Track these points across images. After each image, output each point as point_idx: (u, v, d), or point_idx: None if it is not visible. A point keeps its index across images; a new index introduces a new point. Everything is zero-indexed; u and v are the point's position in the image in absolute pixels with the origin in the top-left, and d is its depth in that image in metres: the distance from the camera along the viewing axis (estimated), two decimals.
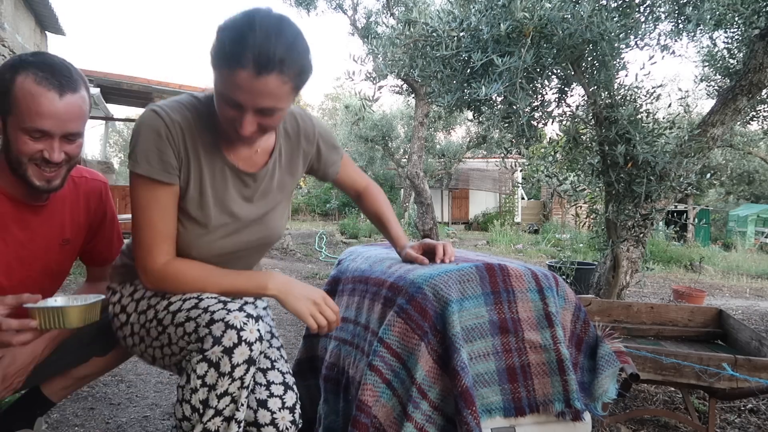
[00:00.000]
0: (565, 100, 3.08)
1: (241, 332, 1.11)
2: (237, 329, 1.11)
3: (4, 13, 5.69)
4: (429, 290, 1.25)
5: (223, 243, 1.31)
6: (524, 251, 10.61)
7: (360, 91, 8.61)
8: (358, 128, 13.02)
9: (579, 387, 1.34)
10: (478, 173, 17.88)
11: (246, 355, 1.12)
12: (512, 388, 1.25)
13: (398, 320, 1.24)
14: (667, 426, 2.27)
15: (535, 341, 1.29)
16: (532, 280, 1.35)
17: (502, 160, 4.02)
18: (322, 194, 22.79)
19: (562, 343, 1.29)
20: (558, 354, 1.28)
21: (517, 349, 1.28)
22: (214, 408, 1.12)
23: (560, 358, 1.28)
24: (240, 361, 1.11)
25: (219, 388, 1.11)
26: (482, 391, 1.23)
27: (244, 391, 1.14)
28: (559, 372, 1.28)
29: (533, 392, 1.26)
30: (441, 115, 11.52)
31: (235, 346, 1.11)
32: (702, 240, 14.36)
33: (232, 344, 1.11)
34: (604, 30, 2.43)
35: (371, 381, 1.19)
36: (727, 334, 2.29)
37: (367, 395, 1.18)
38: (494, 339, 1.27)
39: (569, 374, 1.27)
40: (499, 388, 1.24)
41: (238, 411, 1.14)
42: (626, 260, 3.14)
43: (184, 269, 1.24)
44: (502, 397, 1.24)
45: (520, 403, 1.24)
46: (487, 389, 1.23)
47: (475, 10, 2.70)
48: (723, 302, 5.96)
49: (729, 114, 3.04)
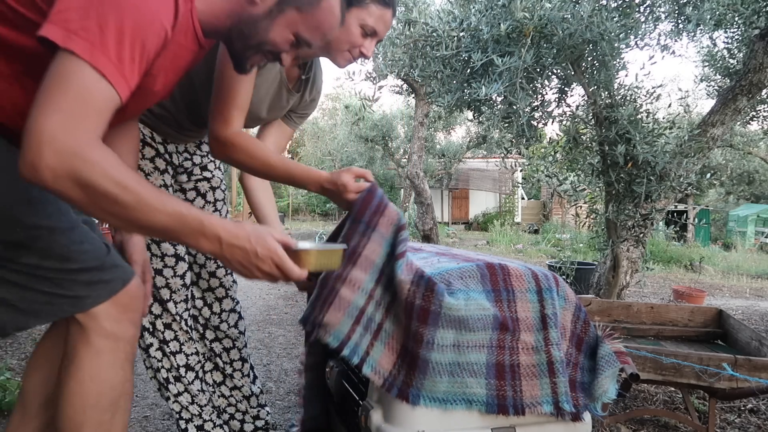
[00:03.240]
0: (565, 100, 3.09)
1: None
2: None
3: None
4: (438, 280, 1.25)
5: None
6: (524, 251, 10.61)
7: (360, 91, 8.57)
8: (358, 128, 13.01)
9: (579, 387, 1.34)
10: (478, 173, 17.88)
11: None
12: (498, 385, 1.25)
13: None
14: (667, 426, 2.27)
15: (528, 342, 1.29)
16: (532, 280, 1.35)
17: (502, 160, 4.03)
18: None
19: (554, 345, 1.29)
20: (549, 356, 1.28)
21: (510, 348, 1.28)
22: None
23: (550, 360, 1.28)
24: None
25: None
26: (468, 380, 1.23)
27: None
28: (548, 374, 1.28)
29: (519, 393, 1.26)
30: (441, 115, 11.52)
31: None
32: (702, 240, 14.37)
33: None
34: (604, 30, 2.43)
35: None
36: (727, 334, 2.29)
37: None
38: (493, 333, 1.27)
39: (559, 376, 1.28)
40: (486, 381, 1.24)
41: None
42: (626, 260, 3.14)
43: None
44: (486, 392, 1.24)
45: (504, 401, 1.24)
46: (473, 380, 1.23)
47: (475, 10, 2.70)
48: (723, 302, 5.96)
49: (729, 114, 3.04)
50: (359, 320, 1.23)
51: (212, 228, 0.94)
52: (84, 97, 0.84)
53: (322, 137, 20.16)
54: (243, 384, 1.87)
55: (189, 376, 1.73)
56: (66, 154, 0.82)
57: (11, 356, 2.63)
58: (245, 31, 1.07)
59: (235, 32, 1.08)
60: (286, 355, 3.13)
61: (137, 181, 0.89)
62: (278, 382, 2.66)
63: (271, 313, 4.30)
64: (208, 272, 1.84)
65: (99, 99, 0.86)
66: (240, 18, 1.06)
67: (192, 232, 0.93)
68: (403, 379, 1.21)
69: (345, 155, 16.89)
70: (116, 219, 0.91)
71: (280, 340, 3.43)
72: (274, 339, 3.47)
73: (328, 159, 19.03)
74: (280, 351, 3.20)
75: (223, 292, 1.85)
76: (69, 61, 0.84)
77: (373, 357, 1.23)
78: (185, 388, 1.72)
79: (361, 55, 1.47)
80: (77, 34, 0.84)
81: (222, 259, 0.99)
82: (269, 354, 3.14)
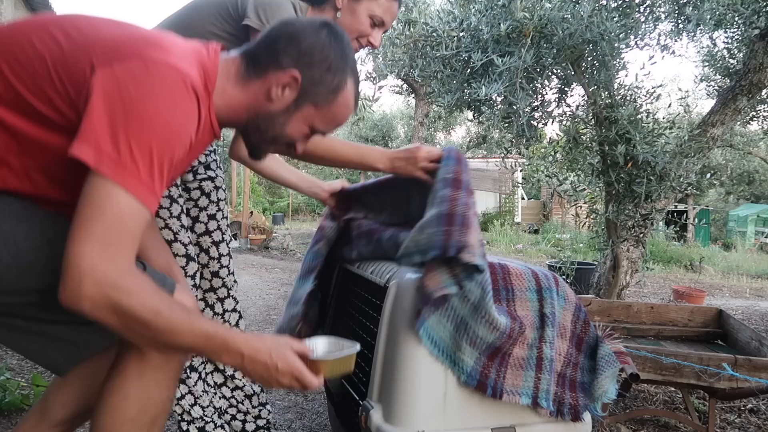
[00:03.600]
0: (565, 100, 3.09)
1: None
2: None
3: (4, 13, 5.70)
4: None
5: None
6: (524, 251, 10.61)
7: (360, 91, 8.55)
8: (358, 128, 13.03)
9: (579, 387, 1.34)
10: (478, 173, 17.88)
11: None
12: (485, 364, 1.25)
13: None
14: (667, 426, 2.27)
15: (524, 338, 1.29)
16: (532, 279, 1.35)
17: (502, 160, 4.02)
18: None
19: (547, 343, 1.30)
20: (539, 352, 1.29)
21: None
22: None
23: (540, 356, 1.29)
24: None
25: None
26: (464, 345, 1.23)
27: None
28: (535, 368, 1.28)
29: (502, 379, 1.26)
30: (441, 115, 11.53)
31: None
32: (702, 240, 14.37)
33: None
34: (604, 30, 2.43)
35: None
36: (727, 334, 2.30)
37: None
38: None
39: (544, 373, 1.28)
40: (477, 355, 1.24)
41: None
42: (626, 260, 3.14)
43: None
44: (473, 365, 1.24)
45: (485, 380, 1.24)
46: (468, 348, 1.23)
47: (475, 10, 2.70)
48: (723, 302, 5.96)
49: (729, 114, 3.05)
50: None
51: (235, 345, 0.97)
52: (118, 223, 0.87)
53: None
54: (244, 384, 1.87)
55: (193, 377, 1.73)
56: (104, 285, 0.86)
57: (11, 356, 2.62)
58: (262, 126, 1.11)
59: (252, 126, 1.12)
60: None
61: (168, 305, 0.93)
62: None
63: (271, 313, 4.30)
64: (211, 272, 1.83)
65: (133, 223, 0.89)
66: (257, 113, 1.09)
67: (216, 349, 0.97)
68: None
69: None
70: (146, 340, 0.95)
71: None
72: None
73: None
74: None
75: (225, 292, 1.85)
76: (101, 184, 0.87)
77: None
78: (189, 390, 1.72)
79: (369, 44, 1.49)
80: (109, 155, 0.86)
81: (243, 371, 1.02)
82: None
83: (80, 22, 0.99)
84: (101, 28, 0.98)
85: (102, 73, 0.89)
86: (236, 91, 1.07)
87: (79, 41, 0.95)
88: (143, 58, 0.91)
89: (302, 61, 1.05)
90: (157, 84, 0.90)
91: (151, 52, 0.93)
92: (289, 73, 1.05)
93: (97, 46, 0.93)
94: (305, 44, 1.05)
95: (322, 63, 1.06)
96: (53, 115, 0.92)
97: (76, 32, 0.96)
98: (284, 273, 6.75)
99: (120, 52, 0.92)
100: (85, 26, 0.98)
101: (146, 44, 0.95)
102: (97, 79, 0.89)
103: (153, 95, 0.89)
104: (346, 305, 1.69)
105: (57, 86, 0.92)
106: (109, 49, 0.92)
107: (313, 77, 1.06)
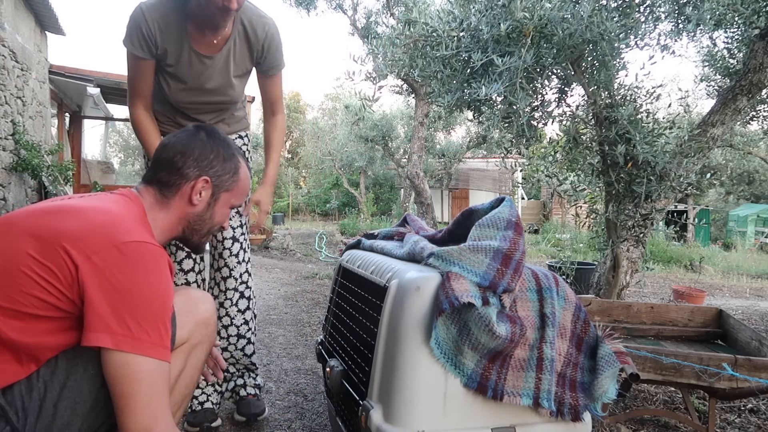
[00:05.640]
0: (565, 100, 3.08)
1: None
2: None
3: (4, 13, 5.69)
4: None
5: (188, 96, 1.93)
6: None
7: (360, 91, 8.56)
8: (358, 128, 13.01)
9: (579, 387, 1.34)
10: (478, 173, 17.89)
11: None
12: (486, 366, 1.25)
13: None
14: (667, 426, 2.27)
15: (525, 339, 1.29)
16: (532, 279, 1.35)
17: (502, 160, 4.02)
18: (322, 194, 22.79)
19: (548, 344, 1.30)
20: (540, 352, 1.29)
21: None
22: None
23: (541, 357, 1.29)
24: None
25: None
26: (465, 349, 1.23)
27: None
28: (536, 369, 1.28)
29: (503, 381, 1.26)
30: (441, 115, 11.52)
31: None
32: (702, 240, 14.37)
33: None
34: (604, 30, 2.42)
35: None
36: (727, 334, 2.29)
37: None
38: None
39: (545, 373, 1.28)
40: (478, 358, 1.24)
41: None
42: (626, 260, 3.14)
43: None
44: (474, 367, 1.24)
45: (486, 382, 1.25)
46: (469, 352, 1.23)
47: (475, 10, 2.69)
48: (723, 302, 5.96)
49: (729, 114, 3.04)
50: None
51: None
52: (150, 386, 1.04)
53: (322, 137, 20.15)
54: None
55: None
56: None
57: None
58: (196, 227, 1.37)
59: (188, 230, 1.36)
60: (286, 355, 3.13)
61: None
62: (278, 382, 2.66)
63: (271, 313, 4.30)
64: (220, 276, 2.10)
65: (160, 380, 1.06)
66: (188, 220, 1.34)
67: None
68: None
69: (345, 155, 16.88)
70: None
71: (280, 340, 3.43)
72: (274, 339, 3.47)
73: (328, 159, 19.03)
74: (280, 351, 3.20)
75: (227, 272, 2.09)
76: (126, 360, 1.03)
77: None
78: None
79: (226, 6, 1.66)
80: (123, 335, 1.03)
81: None
82: (269, 354, 3.14)
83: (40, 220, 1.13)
84: (57, 220, 1.11)
85: (85, 267, 1.03)
86: (163, 215, 1.30)
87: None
88: (114, 244, 1.07)
89: (202, 166, 1.31)
90: (134, 263, 1.07)
91: (114, 235, 1.08)
92: (201, 179, 1.31)
93: (65, 239, 1.06)
94: (197, 153, 1.31)
95: (217, 159, 1.33)
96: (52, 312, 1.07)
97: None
98: (284, 273, 6.75)
99: (92, 243, 1.06)
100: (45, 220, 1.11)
101: (106, 230, 1.09)
102: (85, 274, 1.03)
103: (136, 274, 1.06)
104: (346, 305, 1.69)
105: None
106: (78, 242, 1.05)
107: (217, 172, 1.34)
